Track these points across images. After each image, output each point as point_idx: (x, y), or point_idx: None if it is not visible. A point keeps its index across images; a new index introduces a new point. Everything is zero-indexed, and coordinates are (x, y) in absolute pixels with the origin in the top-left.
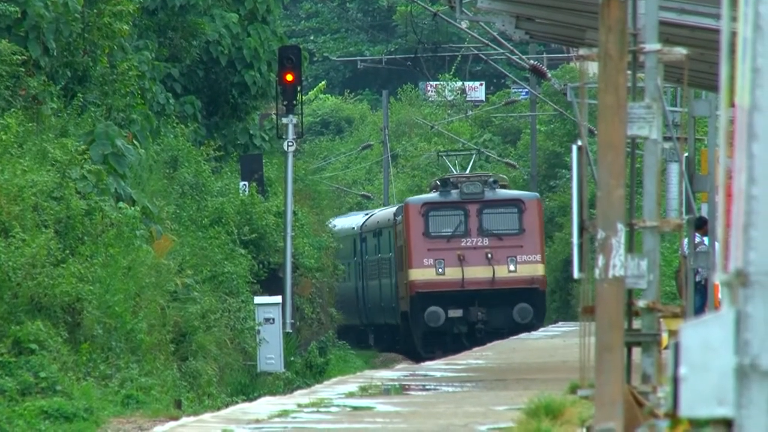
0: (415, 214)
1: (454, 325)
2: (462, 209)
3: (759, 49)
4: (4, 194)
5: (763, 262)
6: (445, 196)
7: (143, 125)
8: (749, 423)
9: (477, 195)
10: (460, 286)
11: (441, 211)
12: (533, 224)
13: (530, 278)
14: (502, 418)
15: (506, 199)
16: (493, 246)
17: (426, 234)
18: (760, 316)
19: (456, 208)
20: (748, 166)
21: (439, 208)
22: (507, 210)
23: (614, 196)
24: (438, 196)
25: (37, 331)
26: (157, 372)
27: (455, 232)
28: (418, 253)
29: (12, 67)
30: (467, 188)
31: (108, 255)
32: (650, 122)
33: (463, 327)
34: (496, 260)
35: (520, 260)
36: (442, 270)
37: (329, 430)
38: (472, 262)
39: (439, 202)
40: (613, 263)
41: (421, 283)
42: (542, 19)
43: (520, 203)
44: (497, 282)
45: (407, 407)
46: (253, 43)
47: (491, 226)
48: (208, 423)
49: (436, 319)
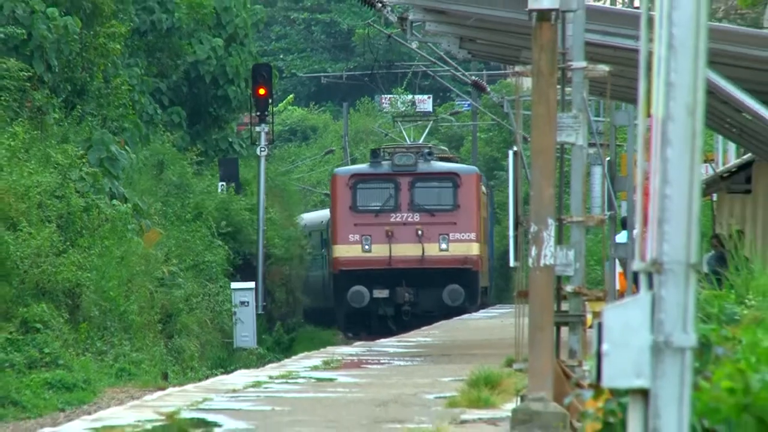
0: (342, 187)
1: (380, 307)
2: (393, 182)
3: (672, 66)
4: (12, 193)
5: (675, 253)
6: (376, 167)
7: (134, 133)
8: (663, 392)
9: (409, 167)
10: (387, 264)
11: (370, 184)
12: (469, 200)
13: (463, 258)
14: (448, 388)
15: (440, 173)
16: (424, 222)
17: (353, 208)
18: (673, 299)
19: (386, 180)
20: (662, 169)
21: (368, 180)
22: (441, 184)
23: (545, 195)
24: (368, 167)
25: (41, 312)
26: (147, 348)
27: (384, 206)
28: (343, 228)
29: (19, 82)
30: (399, 159)
31: (103, 246)
32: (577, 130)
33: (389, 308)
34: (426, 237)
35: (452, 238)
36: (368, 247)
37: (296, 399)
38: (400, 239)
39: (368, 174)
40: (544, 253)
41: (345, 260)
42: (483, 40)
43: (455, 177)
44: (427, 261)
45: (364, 379)
46: (235, 62)
47: (423, 200)
48: (191, 393)
49: (360, 299)
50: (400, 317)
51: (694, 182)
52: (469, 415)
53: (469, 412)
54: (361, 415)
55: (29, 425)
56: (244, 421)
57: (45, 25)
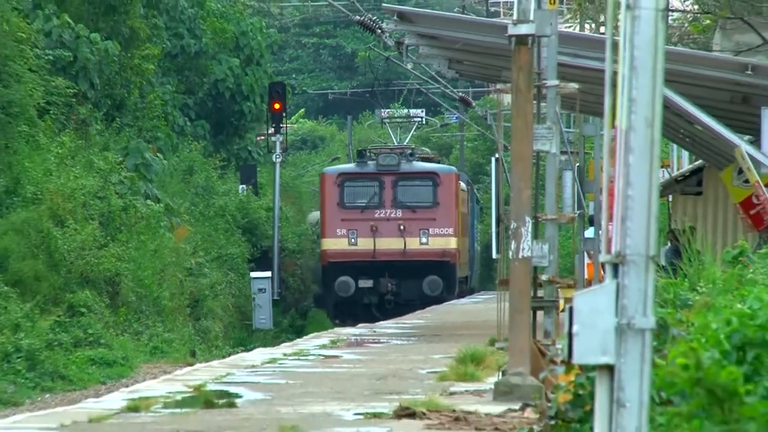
0: (330, 184)
1: (365, 296)
2: (377, 180)
3: (634, 83)
4: (60, 194)
5: (636, 246)
6: (362, 167)
7: (166, 142)
8: (626, 368)
9: (393, 167)
10: (372, 256)
11: (356, 182)
12: (448, 198)
13: (441, 251)
14: (438, 364)
15: (421, 172)
16: (406, 218)
17: (341, 204)
18: (634, 287)
19: (371, 179)
20: (625, 173)
21: (354, 178)
22: (422, 183)
23: (523, 196)
24: (354, 166)
25: (85, 298)
26: (177, 329)
27: (369, 203)
28: (331, 223)
29: (66, 98)
30: (383, 160)
31: (139, 240)
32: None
33: (373, 297)
34: (408, 232)
35: (432, 233)
36: (354, 240)
37: (307, 373)
38: (384, 234)
39: (354, 173)
40: (522, 247)
41: (333, 252)
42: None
43: (435, 176)
44: (408, 254)
45: (366, 356)
46: (250, 81)
47: (405, 198)
48: (216, 368)
49: (346, 288)
50: (383, 305)
51: (653, 185)
52: (457, 387)
53: (457, 385)
54: (364, 388)
55: (75, 396)
56: (262, 393)
57: (88, 49)
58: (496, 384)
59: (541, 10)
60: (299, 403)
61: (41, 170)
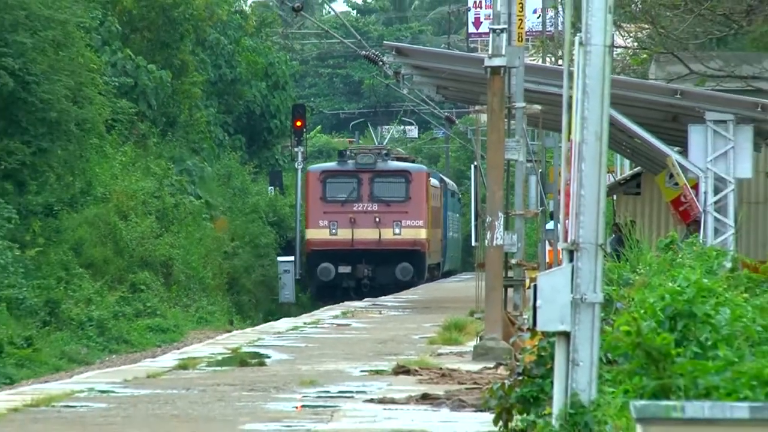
0: (314, 181)
1: (344, 280)
2: (356, 177)
3: (586, 105)
4: (124, 194)
5: (588, 236)
6: (342, 165)
7: (209, 152)
8: (579, 334)
9: (370, 165)
10: (350, 245)
11: (337, 179)
12: (419, 193)
13: (413, 241)
14: (428, 331)
15: (395, 170)
16: (381, 211)
17: (323, 198)
18: (586, 269)
19: (351, 176)
20: (579, 177)
21: (335, 175)
22: (395, 179)
23: (497, 196)
24: (336, 165)
25: (144, 278)
26: (218, 303)
27: (349, 197)
28: (314, 215)
29: (128, 116)
30: (361, 159)
31: (187, 231)
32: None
33: (351, 282)
34: (383, 224)
35: (404, 224)
36: (335, 231)
37: (323, 338)
38: (362, 225)
39: (336, 170)
40: (496, 236)
41: (315, 241)
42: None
43: (407, 174)
44: (383, 243)
45: (370, 324)
46: (277, 103)
47: (381, 193)
48: (249, 334)
49: (327, 274)
50: (360, 289)
51: (601, 187)
52: (443, 350)
53: (443, 348)
54: (368, 350)
55: (136, 357)
56: (286, 354)
57: (147, 77)
58: (474, 347)
59: (510, 47)
60: (316, 362)
61: (109, 175)
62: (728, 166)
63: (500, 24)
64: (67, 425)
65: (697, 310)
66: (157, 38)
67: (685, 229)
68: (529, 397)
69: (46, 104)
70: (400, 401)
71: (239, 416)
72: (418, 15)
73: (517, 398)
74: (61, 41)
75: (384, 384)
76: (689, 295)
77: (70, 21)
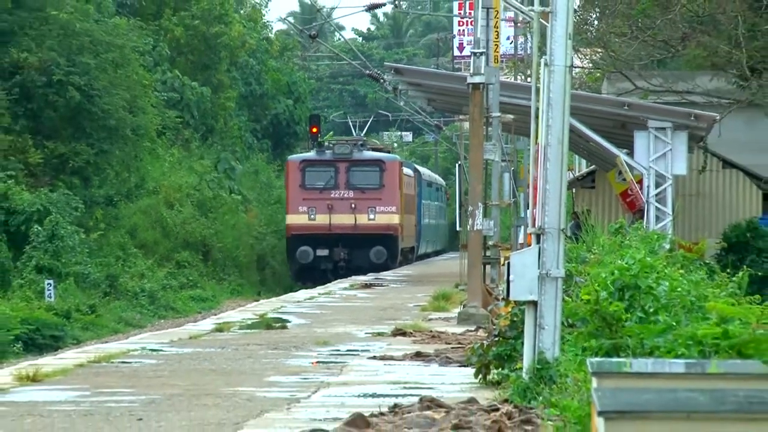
0: (294, 169)
1: (321, 262)
2: (333, 166)
3: (550, 115)
4: (171, 188)
5: (552, 222)
6: (321, 155)
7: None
8: (545, 303)
9: (346, 155)
10: (328, 230)
11: (316, 168)
12: (392, 181)
13: (386, 225)
14: (421, 300)
15: (370, 159)
16: (357, 198)
17: (302, 186)
18: (551, 249)
19: (328, 165)
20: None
21: (314, 164)
22: (370, 168)
23: (477, 189)
24: (314, 154)
25: (187, 256)
26: (248, 277)
27: (326, 185)
28: (294, 201)
29: (175, 124)
30: (339, 149)
31: (223, 219)
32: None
33: (328, 264)
34: (358, 210)
35: (378, 210)
36: (313, 216)
37: (335, 306)
38: (339, 211)
39: (314, 160)
40: (476, 222)
41: (295, 226)
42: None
43: (381, 163)
44: (358, 228)
45: (373, 295)
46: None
47: (356, 181)
48: (274, 303)
49: (306, 256)
50: (337, 271)
51: (562, 182)
52: (433, 315)
53: (433, 314)
54: (371, 315)
55: (180, 322)
56: (304, 319)
57: (190, 92)
58: (459, 313)
59: (488, 67)
60: (329, 326)
61: (159, 172)
62: (667, 165)
63: (480, 48)
64: (124, 378)
65: (641, 283)
66: (199, 61)
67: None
68: (503, 355)
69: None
70: (398, 358)
71: (265, 370)
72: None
73: (493, 356)
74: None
75: (384, 344)
76: (635, 270)
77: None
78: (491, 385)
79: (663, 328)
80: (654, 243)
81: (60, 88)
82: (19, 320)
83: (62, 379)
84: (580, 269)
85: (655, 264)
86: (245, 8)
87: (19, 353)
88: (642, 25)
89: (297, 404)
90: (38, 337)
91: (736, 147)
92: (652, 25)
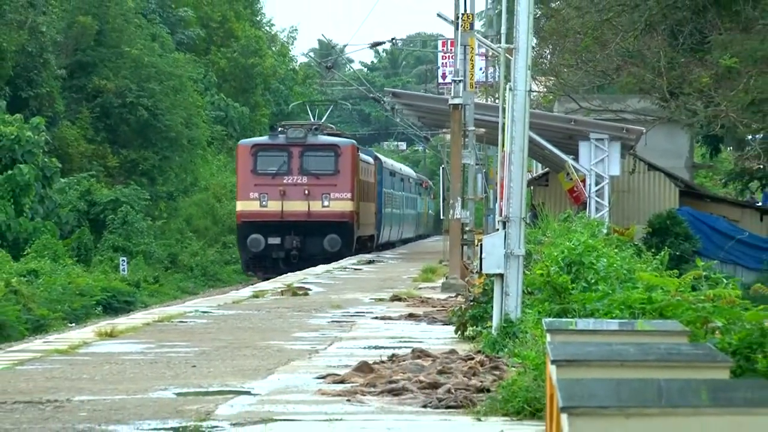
0: (245, 154)
1: (273, 251)
2: (286, 151)
3: (513, 129)
4: (218, 186)
5: (515, 212)
6: (273, 139)
7: None
8: (509, 275)
9: (300, 139)
10: (280, 217)
11: (268, 152)
12: (347, 167)
13: (341, 213)
14: (412, 274)
15: (324, 144)
16: (310, 184)
17: (254, 171)
18: (514, 233)
19: (281, 150)
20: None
21: (266, 149)
22: (325, 153)
23: (457, 186)
24: (267, 138)
25: (232, 239)
26: None
27: (279, 170)
28: (245, 187)
29: (221, 136)
30: (292, 133)
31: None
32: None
33: (280, 253)
34: (312, 196)
35: (333, 197)
36: (265, 203)
37: (345, 277)
38: (291, 197)
39: (267, 144)
40: (456, 212)
41: (246, 213)
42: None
43: (336, 148)
44: (312, 215)
45: (376, 269)
46: None
47: (310, 166)
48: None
49: (257, 245)
50: (289, 260)
51: (523, 181)
52: (422, 285)
53: (422, 284)
54: (374, 285)
55: (226, 290)
56: (322, 288)
57: (233, 111)
58: (442, 284)
59: (465, 91)
60: (341, 293)
61: (208, 173)
62: (604, 168)
63: (459, 77)
64: (181, 333)
65: (584, 259)
66: (239, 86)
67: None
68: (477, 316)
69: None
70: (395, 318)
71: (292, 328)
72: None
73: (469, 316)
74: (178, 87)
75: (384, 307)
76: (580, 250)
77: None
78: (468, 340)
79: (601, 295)
80: (594, 229)
81: (132, 108)
82: (99, 289)
83: (133, 335)
84: (537, 249)
85: (595, 245)
86: (276, 45)
87: (99, 315)
88: (585, 59)
89: (316, 354)
90: (114, 302)
91: (659, 153)
92: (593, 59)
